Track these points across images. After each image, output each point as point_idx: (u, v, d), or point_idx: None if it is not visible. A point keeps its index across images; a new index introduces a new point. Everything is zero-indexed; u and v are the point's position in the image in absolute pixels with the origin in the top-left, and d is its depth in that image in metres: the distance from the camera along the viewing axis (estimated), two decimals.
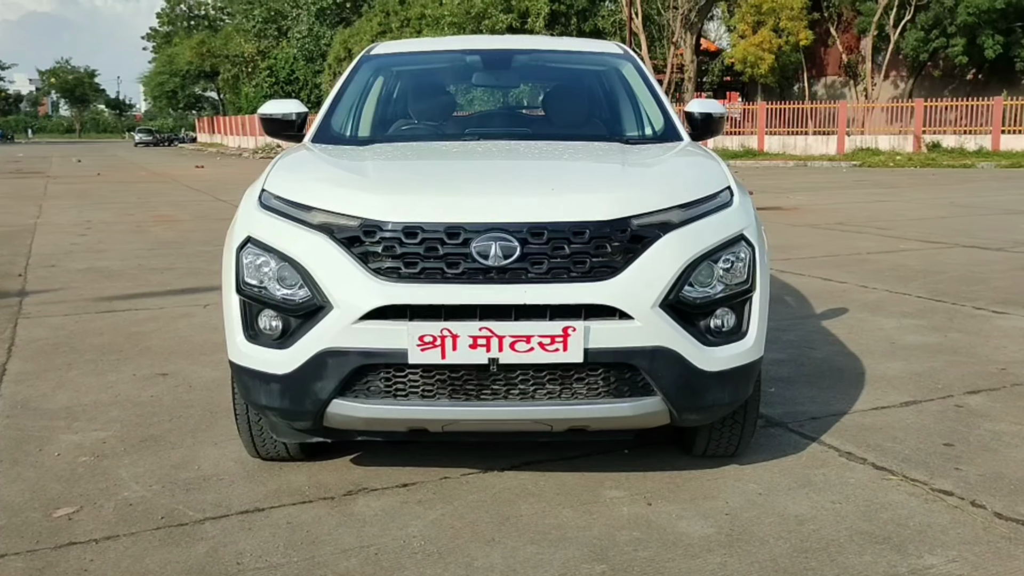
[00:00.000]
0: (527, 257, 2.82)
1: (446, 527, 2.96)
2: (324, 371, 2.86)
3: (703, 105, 4.23)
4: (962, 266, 8.10)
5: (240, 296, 3.02)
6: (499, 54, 4.62)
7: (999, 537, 2.82)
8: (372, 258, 2.85)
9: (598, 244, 2.85)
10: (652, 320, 2.83)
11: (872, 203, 14.56)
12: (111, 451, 3.71)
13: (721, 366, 2.97)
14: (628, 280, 2.83)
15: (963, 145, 28.48)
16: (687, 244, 2.93)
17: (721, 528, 2.92)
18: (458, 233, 2.83)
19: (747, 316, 3.07)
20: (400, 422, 2.95)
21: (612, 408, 2.90)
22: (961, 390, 4.35)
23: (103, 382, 4.68)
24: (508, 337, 2.76)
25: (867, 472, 3.36)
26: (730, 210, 3.13)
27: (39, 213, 14.15)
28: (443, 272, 2.82)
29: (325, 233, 2.92)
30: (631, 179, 3.20)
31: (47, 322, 6.11)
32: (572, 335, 2.77)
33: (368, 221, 2.88)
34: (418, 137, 4.04)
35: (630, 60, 4.55)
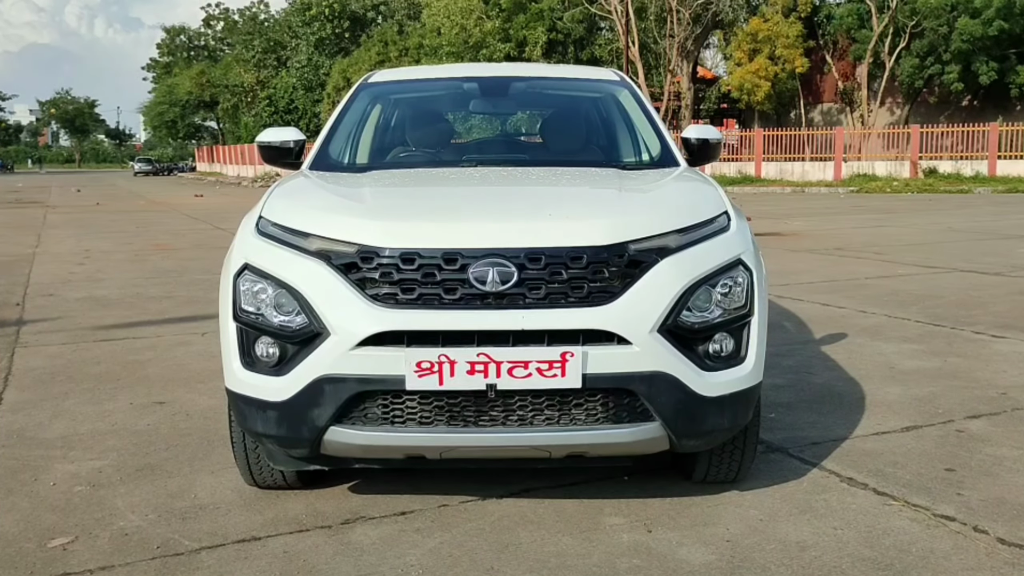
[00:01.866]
0: (525, 282, 2.81)
1: (444, 556, 2.93)
2: (321, 398, 2.84)
3: (700, 131, 4.24)
4: (960, 291, 8.10)
5: (237, 323, 3.01)
6: (496, 81, 4.65)
7: (1003, 563, 2.79)
8: (369, 284, 2.85)
9: (596, 269, 2.85)
10: (650, 345, 2.82)
11: (870, 228, 14.59)
12: (107, 480, 3.68)
13: (720, 391, 2.95)
14: (626, 305, 2.82)
15: (960, 171, 28.62)
16: (685, 269, 2.92)
17: (722, 555, 2.90)
18: (455, 259, 2.83)
19: (745, 341, 3.06)
20: (398, 449, 2.93)
21: (611, 434, 2.89)
22: (962, 415, 4.33)
23: (100, 411, 4.66)
24: (506, 363, 2.75)
25: (869, 498, 3.34)
26: (728, 235, 3.13)
27: (37, 242, 14.16)
28: (440, 298, 2.81)
29: (322, 259, 2.91)
30: (628, 204, 3.20)
31: (44, 351, 6.09)
32: (570, 360, 2.76)
33: (365, 247, 2.88)
34: (416, 164, 4.05)
35: (626, 87, 4.58)
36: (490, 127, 4.74)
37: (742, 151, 33.52)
